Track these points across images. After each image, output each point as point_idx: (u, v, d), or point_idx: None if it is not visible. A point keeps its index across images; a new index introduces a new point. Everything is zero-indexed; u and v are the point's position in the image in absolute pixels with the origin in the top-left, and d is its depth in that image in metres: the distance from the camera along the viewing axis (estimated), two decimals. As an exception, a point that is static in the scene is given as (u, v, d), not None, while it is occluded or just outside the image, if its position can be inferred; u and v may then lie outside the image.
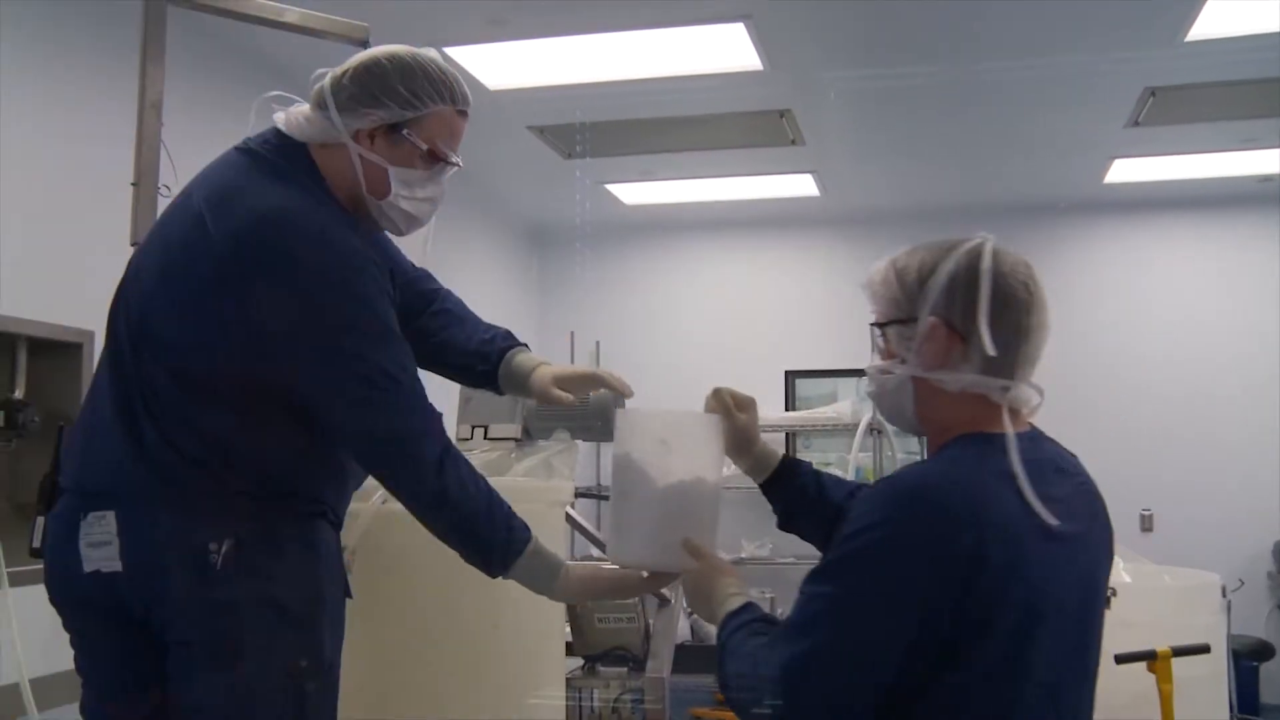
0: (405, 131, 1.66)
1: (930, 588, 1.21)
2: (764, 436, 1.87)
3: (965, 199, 6.37)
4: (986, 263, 1.33)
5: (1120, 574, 3.23)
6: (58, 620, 1.63)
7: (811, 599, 1.28)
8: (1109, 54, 4.20)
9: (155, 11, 2.21)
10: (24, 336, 3.09)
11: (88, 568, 1.54)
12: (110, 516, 1.53)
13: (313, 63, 1.75)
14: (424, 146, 1.68)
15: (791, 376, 6.87)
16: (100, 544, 1.53)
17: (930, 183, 6.15)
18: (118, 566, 1.53)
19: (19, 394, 3.07)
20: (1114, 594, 3.00)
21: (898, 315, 1.38)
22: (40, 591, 1.61)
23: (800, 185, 6.16)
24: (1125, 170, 5.81)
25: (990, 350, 1.29)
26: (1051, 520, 1.25)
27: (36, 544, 1.64)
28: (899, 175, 6.03)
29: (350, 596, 1.71)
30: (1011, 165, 5.80)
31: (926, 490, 1.26)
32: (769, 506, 1.79)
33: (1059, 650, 1.27)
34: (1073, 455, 1.43)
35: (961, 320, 1.33)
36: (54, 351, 3.10)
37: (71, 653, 1.64)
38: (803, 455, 6.89)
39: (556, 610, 2.33)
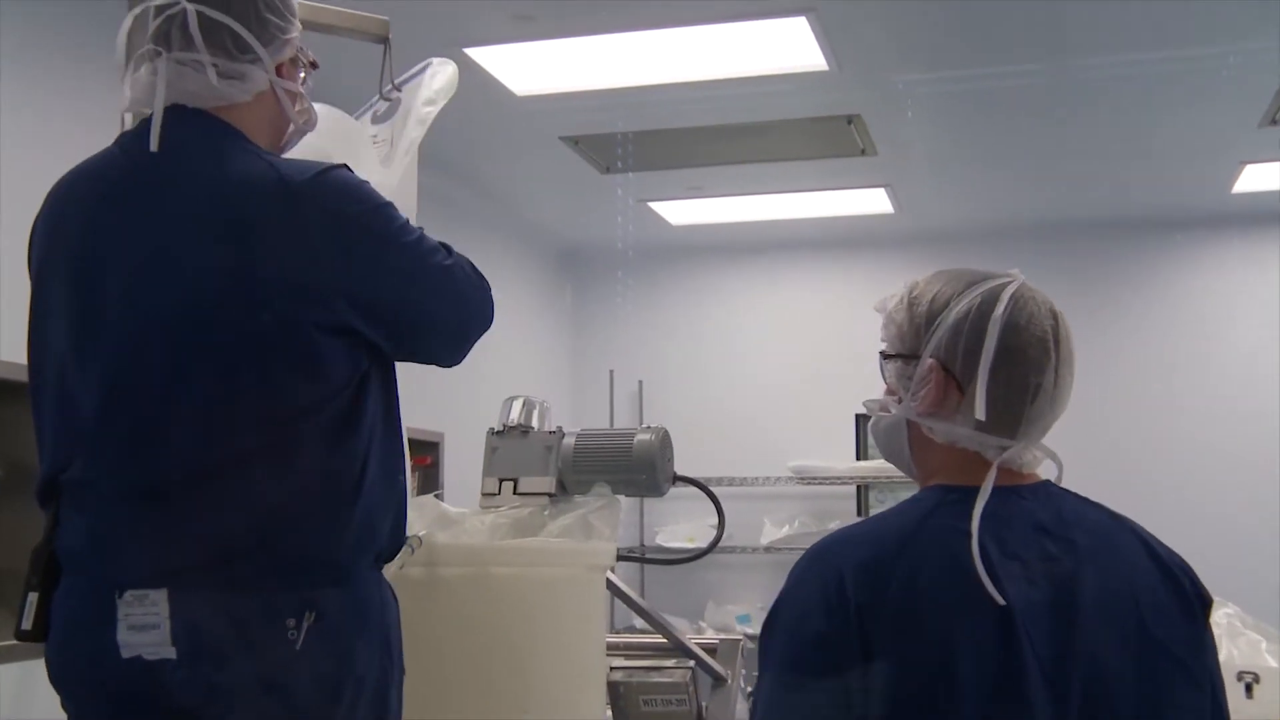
0: (301, 48, 1.73)
1: (831, 657, 1.27)
2: (832, 490, 1.90)
3: (1064, 215, 6.32)
4: (1000, 309, 1.35)
5: (1264, 657, 3.12)
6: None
7: (757, 685, 1.36)
8: (1240, 43, 4.15)
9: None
10: (-16, 378, 3.09)
11: (127, 654, 1.51)
12: (157, 596, 1.50)
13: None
14: (311, 57, 1.75)
15: (863, 420, 6.80)
16: (145, 627, 1.50)
17: (1022, 197, 6.11)
18: (169, 653, 1.50)
19: (-22, 445, 3.08)
20: (1256, 680, 2.91)
21: (901, 349, 1.42)
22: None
23: (872, 201, 6.15)
24: (1259, 177, 5.72)
25: (980, 414, 1.33)
26: (995, 594, 1.25)
27: (27, 625, 1.61)
28: (985, 188, 6.00)
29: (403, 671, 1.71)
30: (1120, 175, 5.75)
31: (828, 550, 1.34)
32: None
33: None
34: (1097, 513, 1.40)
35: (962, 370, 1.36)
36: (19, 396, 3.07)
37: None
38: (877, 511, 6.81)
39: (595, 692, 2.30)
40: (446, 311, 1.71)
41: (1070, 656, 1.26)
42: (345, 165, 1.64)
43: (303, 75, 1.76)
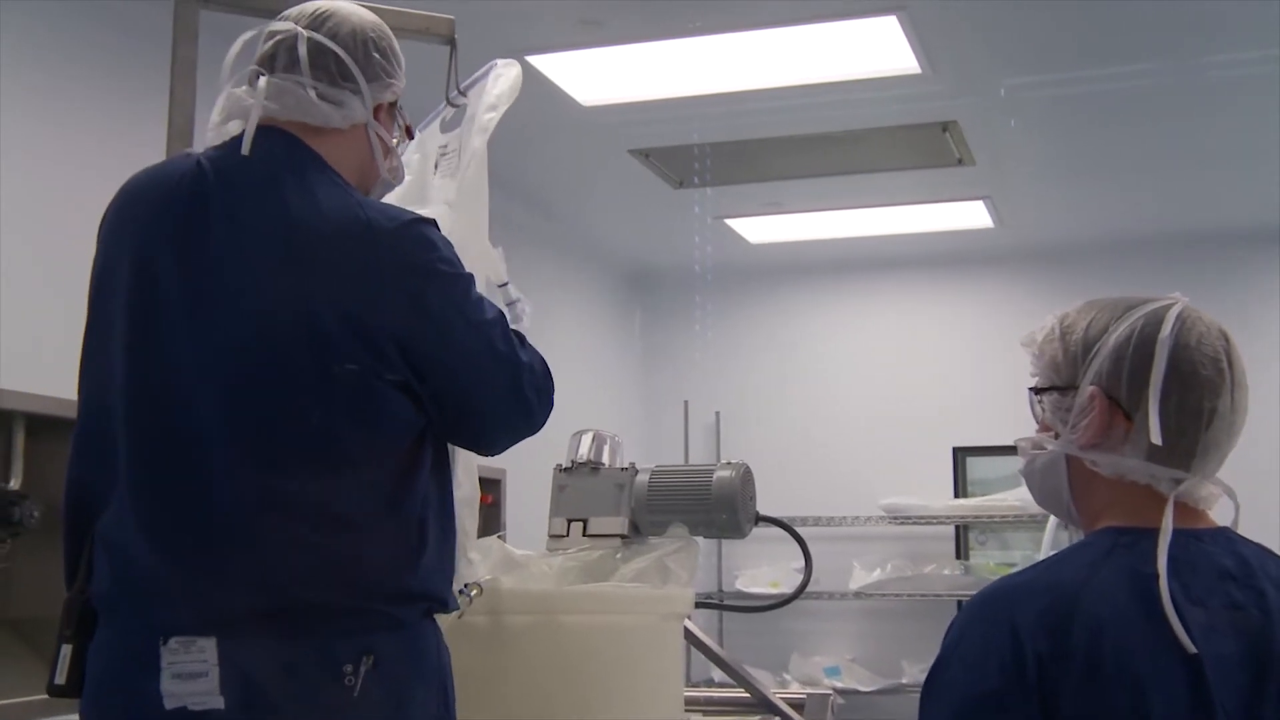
0: (399, 105, 1.84)
1: (1006, 717, 1.27)
2: (928, 531, 1.90)
3: (1183, 228, 6.22)
4: (1166, 330, 1.38)
5: None
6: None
7: None
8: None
9: (186, 19, 2.27)
10: (21, 414, 3.14)
11: (171, 704, 1.53)
12: (204, 643, 1.53)
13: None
14: (409, 122, 1.87)
15: (962, 454, 6.73)
16: (193, 675, 1.53)
17: (1137, 209, 6.03)
18: (216, 703, 1.52)
19: (14, 484, 3.12)
20: None
21: (1056, 381, 1.44)
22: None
23: (970, 215, 6.11)
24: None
25: (1155, 437, 1.33)
26: (1186, 641, 1.26)
27: (61, 680, 1.63)
28: (1095, 200, 5.92)
29: None
30: (1247, 184, 5.64)
31: (995, 600, 1.35)
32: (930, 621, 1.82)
33: None
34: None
35: (1128, 395, 1.37)
36: (57, 431, 3.12)
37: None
38: (978, 554, 6.76)
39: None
40: (500, 403, 1.75)
41: (1261, 713, 1.27)
42: (435, 222, 1.71)
43: (396, 139, 1.86)
